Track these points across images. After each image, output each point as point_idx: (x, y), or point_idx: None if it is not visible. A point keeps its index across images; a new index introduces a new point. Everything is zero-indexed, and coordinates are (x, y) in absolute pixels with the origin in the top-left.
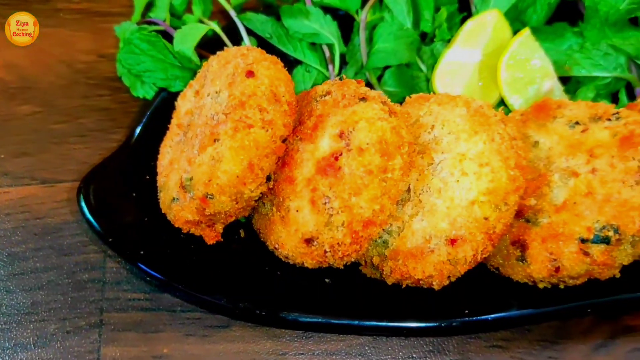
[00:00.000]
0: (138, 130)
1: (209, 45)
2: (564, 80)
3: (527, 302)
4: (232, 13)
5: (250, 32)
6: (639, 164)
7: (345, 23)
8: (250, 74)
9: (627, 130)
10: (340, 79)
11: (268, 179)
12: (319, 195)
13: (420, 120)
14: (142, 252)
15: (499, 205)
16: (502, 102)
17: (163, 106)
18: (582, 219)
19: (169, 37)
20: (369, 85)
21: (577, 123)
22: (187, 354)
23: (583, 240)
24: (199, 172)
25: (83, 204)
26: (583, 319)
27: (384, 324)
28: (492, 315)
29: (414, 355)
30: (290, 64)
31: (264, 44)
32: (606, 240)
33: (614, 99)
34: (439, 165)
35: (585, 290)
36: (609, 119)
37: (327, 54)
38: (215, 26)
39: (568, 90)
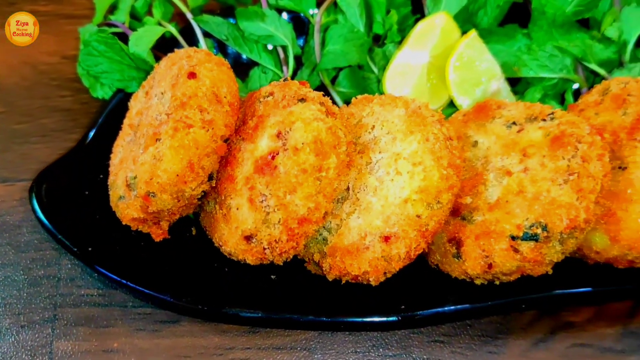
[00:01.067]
0: (93, 130)
1: (166, 47)
2: (515, 81)
3: (464, 297)
4: (189, 15)
5: (208, 34)
6: (568, 164)
7: (304, 25)
8: (192, 75)
9: (559, 130)
10: (285, 80)
11: (210, 177)
12: (256, 194)
13: (362, 121)
14: (90, 249)
15: (431, 204)
16: (452, 103)
17: (119, 107)
18: (513, 216)
19: (128, 40)
20: (324, 86)
21: (514, 123)
22: (137, 348)
23: (513, 238)
24: (141, 171)
25: (35, 202)
26: (523, 315)
27: (322, 319)
28: (428, 311)
29: (358, 350)
30: (248, 65)
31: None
32: (535, 238)
33: (562, 100)
34: (376, 164)
35: (522, 287)
36: (544, 119)
37: (282, 55)
38: (172, 28)
39: (518, 91)
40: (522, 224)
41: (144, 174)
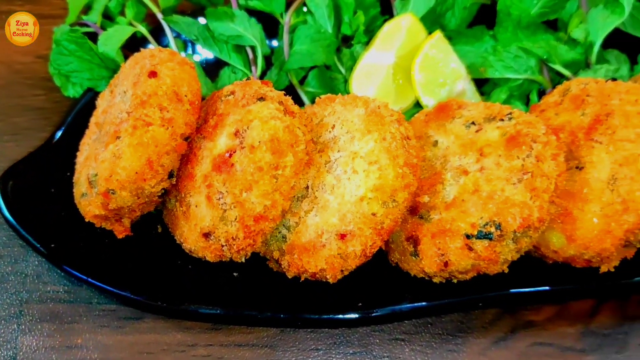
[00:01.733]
0: (62, 129)
1: (138, 48)
2: (483, 82)
3: (421, 295)
4: (159, 15)
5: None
6: (522, 163)
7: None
8: (152, 74)
9: (515, 130)
10: (247, 79)
11: (171, 175)
12: (213, 191)
13: (324, 120)
14: (55, 247)
15: (387, 202)
16: (419, 104)
17: (89, 106)
18: (468, 215)
19: None
20: (292, 86)
21: (472, 123)
22: (100, 344)
23: (468, 236)
24: (101, 168)
25: (0, 199)
26: (485, 313)
27: (279, 315)
28: (384, 309)
29: (319, 347)
30: (218, 65)
31: None
32: (489, 236)
33: (528, 101)
34: (335, 163)
35: (481, 285)
36: (502, 119)
37: (251, 55)
38: (142, 28)
39: (485, 92)
40: (476, 222)
41: (104, 171)
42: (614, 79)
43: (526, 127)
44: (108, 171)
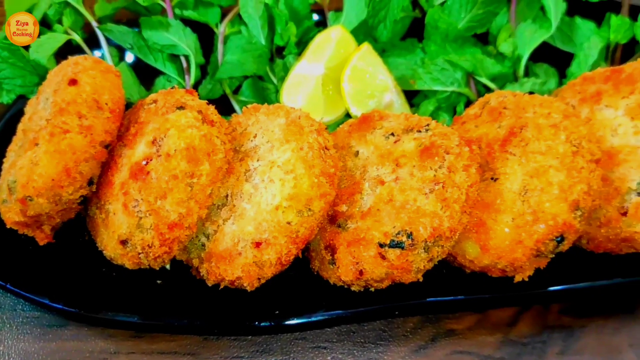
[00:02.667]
0: None
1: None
2: (414, 93)
3: (337, 304)
4: (94, 24)
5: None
6: (435, 174)
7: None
8: (72, 82)
9: (429, 142)
10: (172, 88)
11: (90, 182)
12: (130, 199)
13: (247, 129)
14: None
15: (302, 211)
16: (348, 115)
17: (21, 112)
18: (382, 225)
19: None
20: (225, 96)
21: (392, 134)
22: (22, 351)
23: (381, 245)
24: (19, 175)
25: None
26: (407, 322)
27: (196, 323)
28: (299, 318)
29: (242, 355)
30: (154, 73)
31: None
32: (400, 245)
33: (455, 113)
34: (253, 172)
35: (399, 294)
36: (419, 131)
37: (185, 64)
38: (76, 36)
39: (415, 104)
40: (389, 231)
41: (21, 178)
42: (531, 93)
43: (440, 138)
44: (25, 178)
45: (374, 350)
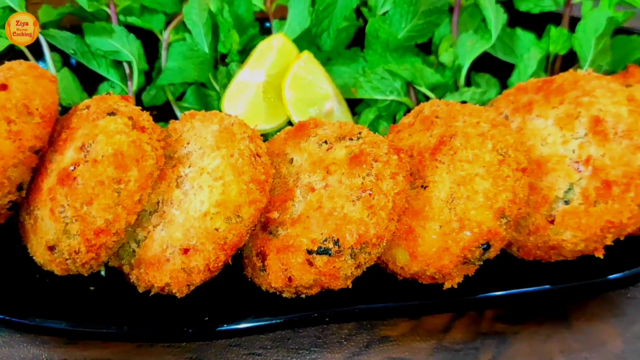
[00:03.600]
0: None
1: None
2: (357, 102)
3: (266, 311)
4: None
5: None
6: (362, 181)
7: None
8: (3, 87)
9: (359, 149)
10: (108, 94)
11: (20, 188)
12: (56, 205)
13: (182, 136)
14: None
15: (230, 218)
16: (290, 122)
17: None
18: (310, 231)
19: None
20: (169, 103)
21: (325, 142)
22: None
23: (309, 252)
24: None
25: None
26: (342, 328)
27: (124, 330)
28: (225, 326)
29: None
30: (100, 79)
31: None
32: (328, 252)
33: (394, 121)
34: (184, 178)
35: (330, 300)
36: (351, 139)
37: (128, 70)
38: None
39: (357, 112)
40: (317, 238)
41: None
42: (463, 102)
43: (370, 146)
44: None
45: (308, 357)
